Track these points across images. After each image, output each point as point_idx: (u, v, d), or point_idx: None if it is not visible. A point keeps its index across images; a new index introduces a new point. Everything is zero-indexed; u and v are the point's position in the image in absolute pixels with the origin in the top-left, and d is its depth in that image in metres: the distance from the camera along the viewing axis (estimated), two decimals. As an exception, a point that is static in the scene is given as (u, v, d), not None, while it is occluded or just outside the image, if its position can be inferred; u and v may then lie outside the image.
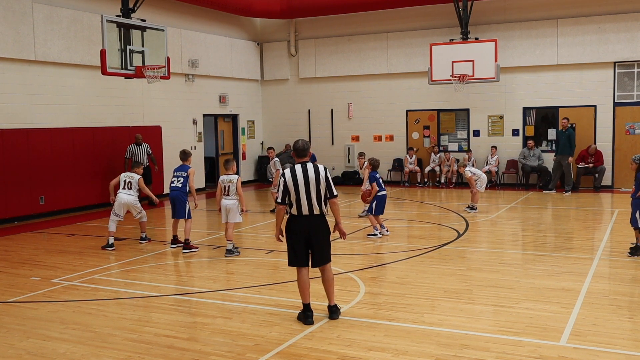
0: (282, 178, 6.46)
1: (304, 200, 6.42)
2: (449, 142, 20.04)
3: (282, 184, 6.44)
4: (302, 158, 6.60)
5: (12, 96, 14.03)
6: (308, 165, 6.51)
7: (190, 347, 5.93)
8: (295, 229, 6.51)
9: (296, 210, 6.47)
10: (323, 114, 21.68)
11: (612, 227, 12.11)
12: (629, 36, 17.46)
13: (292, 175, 6.45)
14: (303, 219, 6.47)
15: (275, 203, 6.51)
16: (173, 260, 10.00)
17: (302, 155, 6.60)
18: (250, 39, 21.90)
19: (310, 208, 6.44)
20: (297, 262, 6.56)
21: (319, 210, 6.49)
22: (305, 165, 6.52)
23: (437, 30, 19.48)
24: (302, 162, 6.57)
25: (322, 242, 6.57)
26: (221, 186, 9.99)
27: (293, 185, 6.42)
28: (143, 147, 16.22)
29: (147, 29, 13.70)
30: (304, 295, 6.56)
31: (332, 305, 6.66)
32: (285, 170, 6.51)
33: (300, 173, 6.44)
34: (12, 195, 13.81)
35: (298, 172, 6.46)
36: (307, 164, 6.53)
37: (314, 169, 6.51)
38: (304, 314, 6.54)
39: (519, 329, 6.26)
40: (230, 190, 9.90)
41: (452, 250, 10.18)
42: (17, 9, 13.88)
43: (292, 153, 6.74)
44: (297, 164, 6.56)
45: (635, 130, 17.85)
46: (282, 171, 6.54)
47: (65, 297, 7.81)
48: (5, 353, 5.92)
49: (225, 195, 9.94)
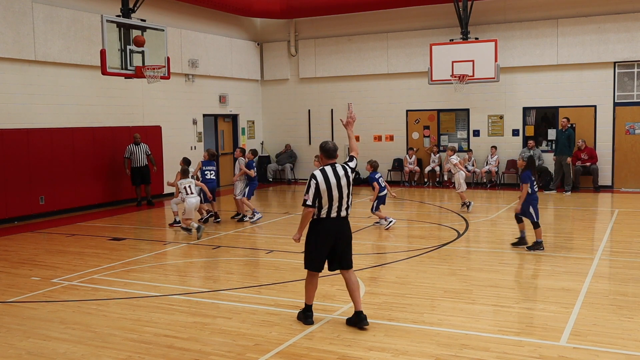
0: (313, 180, 6.19)
1: (335, 203, 6.24)
2: (449, 142, 20.03)
3: (314, 186, 6.17)
4: (331, 159, 6.38)
5: (12, 96, 14.03)
6: (337, 167, 6.32)
7: (190, 347, 5.93)
8: (323, 232, 6.28)
9: (326, 212, 6.24)
10: (323, 114, 21.68)
11: (612, 227, 12.11)
12: (629, 36, 17.46)
13: (324, 177, 6.22)
14: (331, 221, 6.29)
15: (304, 206, 6.19)
16: (173, 260, 10.00)
17: (332, 157, 6.39)
18: (250, 39, 21.90)
19: (339, 210, 6.29)
20: (318, 267, 6.39)
21: (346, 213, 6.36)
22: (335, 166, 6.32)
23: (437, 30, 19.48)
24: (331, 163, 6.36)
25: (348, 246, 6.46)
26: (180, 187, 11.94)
27: (326, 188, 6.19)
28: (142, 147, 16.21)
29: (147, 29, 13.70)
30: (311, 297, 6.49)
31: (360, 310, 6.36)
32: (316, 173, 6.25)
33: (332, 175, 6.25)
34: (12, 195, 13.80)
35: (329, 173, 6.25)
36: (336, 165, 6.33)
37: (342, 169, 6.33)
38: (305, 314, 6.49)
39: (519, 329, 6.26)
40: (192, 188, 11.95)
41: (452, 250, 10.18)
42: (17, 9, 13.88)
43: (319, 155, 6.43)
44: (326, 166, 6.33)
45: (635, 130, 17.86)
46: (313, 173, 6.26)
47: (65, 297, 7.81)
48: (5, 353, 5.92)
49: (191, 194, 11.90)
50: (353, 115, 6.70)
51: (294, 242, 6.58)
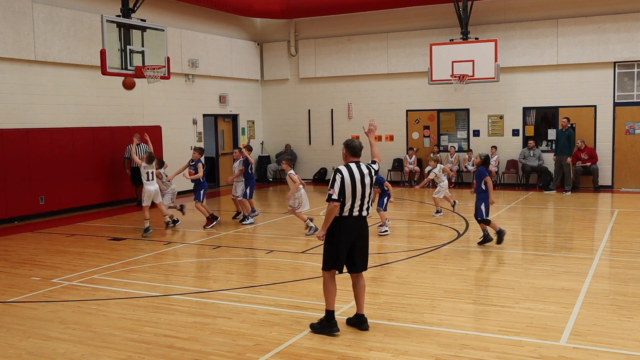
0: (338, 174, 6.10)
1: (357, 201, 6.15)
2: (449, 142, 20.04)
3: (340, 180, 6.07)
4: (356, 157, 6.33)
5: (12, 96, 14.03)
6: (361, 165, 6.28)
7: (190, 347, 5.93)
8: (344, 230, 6.16)
9: (348, 210, 6.13)
10: (323, 114, 21.68)
11: (612, 227, 12.11)
12: (629, 36, 17.46)
13: (350, 172, 6.15)
14: (353, 220, 6.19)
15: (329, 201, 6.06)
16: (173, 260, 10.00)
17: (356, 155, 6.33)
18: (250, 39, 21.90)
19: (360, 209, 6.20)
20: (338, 266, 6.25)
21: (366, 213, 6.27)
22: (359, 164, 6.28)
23: (437, 30, 19.48)
24: (355, 161, 6.30)
25: (366, 247, 6.37)
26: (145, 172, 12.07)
27: (350, 185, 6.10)
28: (142, 147, 16.19)
29: (147, 29, 13.70)
30: (332, 301, 6.27)
31: (362, 314, 6.35)
32: (341, 168, 6.18)
33: (357, 172, 6.18)
34: (12, 195, 13.81)
35: (355, 170, 6.18)
36: (360, 164, 6.29)
37: (366, 168, 6.29)
38: (329, 322, 6.21)
39: (519, 329, 6.26)
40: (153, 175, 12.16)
41: (452, 250, 10.18)
42: (17, 9, 13.88)
43: (344, 152, 6.35)
44: (351, 163, 6.26)
45: (635, 130, 17.86)
46: (338, 168, 6.18)
47: (65, 297, 7.81)
48: (5, 353, 5.92)
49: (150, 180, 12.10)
50: (374, 124, 6.93)
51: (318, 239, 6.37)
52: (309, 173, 21.82)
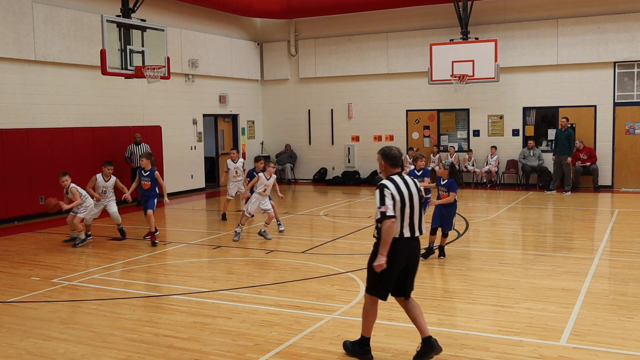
0: (386, 189, 5.30)
1: (407, 219, 5.40)
2: (449, 142, 20.04)
3: (390, 195, 5.28)
4: (396, 168, 5.51)
5: (12, 96, 14.03)
6: (406, 178, 5.49)
7: (190, 347, 5.93)
8: (396, 254, 5.37)
9: (399, 231, 5.36)
10: (323, 114, 21.68)
11: (612, 227, 12.11)
12: (629, 36, 17.46)
13: (397, 188, 5.36)
14: (406, 242, 5.42)
15: (385, 218, 5.22)
16: (173, 260, 10.00)
17: (397, 165, 5.51)
18: (250, 39, 21.90)
19: (412, 229, 5.44)
20: (385, 294, 5.50)
21: (419, 232, 5.53)
22: (403, 176, 5.49)
23: (437, 30, 19.48)
24: (397, 172, 5.50)
25: (416, 269, 5.65)
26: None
27: (400, 201, 5.34)
28: (142, 147, 16.22)
29: (147, 29, 13.70)
30: (370, 328, 5.61)
31: (429, 336, 5.46)
32: (385, 182, 5.38)
33: (404, 186, 5.40)
34: (12, 195, 13.80)
35: (401, 184, 5.39)
36: (405, 176, 5.50)
37: (413, 183, 5.51)
38: (362, 349, 5.58)
39: (519, 329, 6.25)
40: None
41: (452, 250, 10.17)
42: (17, 9, 13.88)
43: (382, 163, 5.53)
44: (393, 176, 5.45)
45: (635, 130, 17.86)
46: (382, 182, 5.37)
47: (65, 297, 7.81)
48: (5, 353, 5.92)
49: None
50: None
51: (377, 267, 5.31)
52: (309, 173, 21.83)
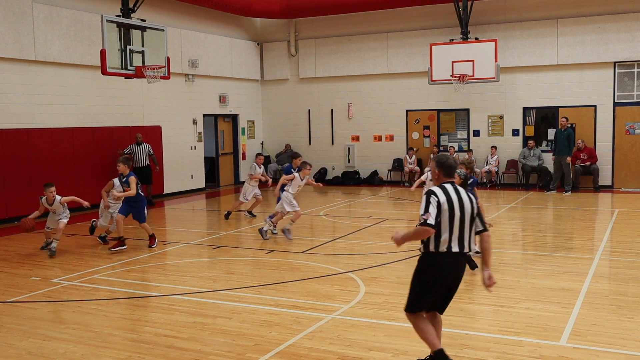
0: (433, 197, 4.93)
1: (456, 233, 4.97)
2: (449, 142, 20.04)
3: (436, 204, 4.91)
4: (450, 178, 5.13)
5: (12, 96, 14.03)
6: (459, 188, 5.08)
7: (190, 347, 5.93)
8: (441, 271, 5.01)
9: (446, 244, 4.96)
10: (323, 114, 21.68)
11: (612, 227, 12.11)
12: (629, 36, 17.46)
13: (447, 197, 4.96)
14: (452, 257, 5.00)
15: (424, 225, 4.88)
16: (173, 260, 10.00)
17: (451, 175, 5.14)
18: (250, 39, 21.90)
19: (461, 244, 5.01)
20: (420, 309, 5.19)
21: (469, 248, 5.12)
22: (456, 187, 5.09)
23: (437, 30, 19.48)
24: (450, 182, 5.11)
25: (457, 287, 5.24)
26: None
27: (448, 211, 4.93)
28: (143, 147, 16.24)
29: (147, 29, 13.71)
30: (433, 340, 5.19)
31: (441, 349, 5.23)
32: (434, 189, 5.02)
33: (455, 196, 4.98)
34: (12, 195, 13.80)
35: (452, 194, 4.98)
36: (457, 187, 5.09)
37: (467, 195, 5.07)
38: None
39: (519, 329, 6.25)
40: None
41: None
42: (17, 9, 13.88)
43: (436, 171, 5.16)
44: (445, 184, 5.08)
45: (635, 130, 17.86)
46: (431, 189, 5.04)
47: (65, 297, 7.81)
48: (5, 353, 5.92)
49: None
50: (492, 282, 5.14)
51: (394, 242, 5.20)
52: (309, 173, 21.80)
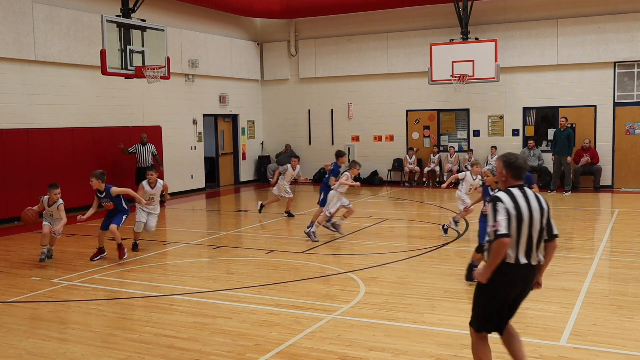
0: (500, 203, 4.47)
1: (524, 242, 4.50)
2: (449, 142, 20.04)
3: (504, 211, 4.45)
4: (518, 180, 4.63)
5: (12, 96, 14.03)
6: (528, 193, 4.56)
7: (190, 347, 5.93)
8: (509, 283, 4.58)
9: (514, 255, 4.52)
10: (323, 114, 21.68)
11: (612, 227, 12.11)
12: (629, 36, 17.46)
13: (514, 202, 4.49)
14: (521, 269, 4.55)
15: (498, 236, 4.41)
16: (173, 260, 10.00)
17: (520, 177, 4.63)
18: (250, 39, 21.90)
19: (529, 255, 4.54)
20: (489, 327, 4.77)
21: (538, 259, 4.62)
22: (525, 191, 4.56)
23: (437, 30, 19.48)
24: (518, 185, 4.62)
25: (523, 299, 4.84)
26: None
27: (516, 218, 4.46)
28: (148, 147, 16.30)
29: (147, 29, 13.71)
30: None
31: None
32: (501, 195, 4.55)
33: (523, 201, 4.51)
34: (12, 195, 13.80)
35: (520, 199, 4.51)
36: (527, 190, 4.58)
37: (535, 198, 4.58)
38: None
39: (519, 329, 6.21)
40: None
41: (452, 250, 10.18)
42: (17, 9, 13.88)
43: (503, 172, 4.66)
44: (512, 188, 4.59)
45: (635, 130, 17.86)
46: (496, 195, 4.57)
47: (65, 297, 7.81)
48: (5, 353, 5.92)
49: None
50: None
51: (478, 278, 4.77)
52: (308, 173, 21.82)
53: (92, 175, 9.80)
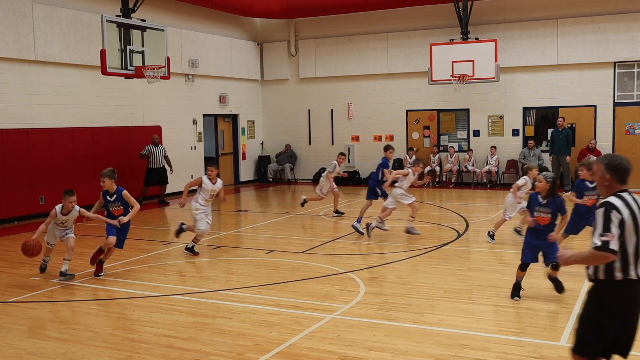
0: (615, 212, 3.95)
1: (633, 255, 4.00)
2: (449, 142, 20.04)
3: (618, 222, 3.94)
4: (624, 185, 4.13)
5: (12, 96, 14.03)
6: (638, 198, 4.11)
7: (190, 347, 5.93)
8: (622, 303, 4.03)
9: (633, 270, 4.00)
10: (323, 114, 21.68)
11: (612, 227, 12.07)
12: (629, 36, 17.46)
13: (629, 210, 4.00)
14: (630, 287, 4.03)
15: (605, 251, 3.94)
16: (173, 260, 10.00)
17: (626, 180, 4.13)
18: (250, 39, 21.90)
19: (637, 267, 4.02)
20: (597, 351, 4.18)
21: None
22: (634, 196, 4.11)
23: (437, 30, 19.48)
24: (625, 189, 4.13)
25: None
26: None
27: (633, 229, 3.98)
28: (160, 149, 16.37)
29: (147, 29, 13.71)
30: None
31: None
32: (615, 202, 4.01)
33: (637, 208, 4.04)
34: (12, 195, 13.80)
35: (634, 207, 4.02)
36: (635, 197, 4.11)
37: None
38: None
39: (519, 329, 6.26)
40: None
41: (452, 250, 10.18)
42: (17, 9, 13.88)
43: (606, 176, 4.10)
44: (623, 193, 4.09)
45: (635, 130, 17.86)
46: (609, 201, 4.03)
47: (65, 297, 7.81)
48: (5, 353, 5.92)
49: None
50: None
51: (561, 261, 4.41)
52: (309, 173, 21.83)
53: (103, 175, 8.65)
